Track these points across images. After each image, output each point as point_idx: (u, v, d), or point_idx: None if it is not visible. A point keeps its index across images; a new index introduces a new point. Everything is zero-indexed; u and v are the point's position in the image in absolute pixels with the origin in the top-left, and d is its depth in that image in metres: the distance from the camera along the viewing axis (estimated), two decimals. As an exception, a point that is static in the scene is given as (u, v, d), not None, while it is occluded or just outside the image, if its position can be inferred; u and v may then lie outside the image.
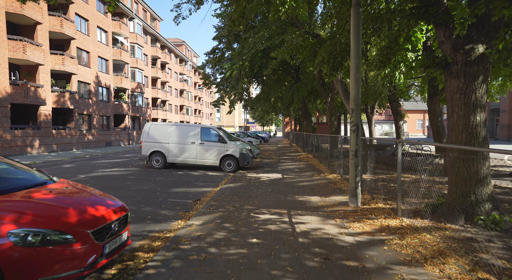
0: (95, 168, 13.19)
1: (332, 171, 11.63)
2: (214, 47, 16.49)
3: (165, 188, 8.91)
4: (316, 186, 8.85)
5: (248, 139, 27.28)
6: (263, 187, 8.70)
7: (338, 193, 7.77)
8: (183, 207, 6.86)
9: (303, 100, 20.12)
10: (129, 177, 10.72)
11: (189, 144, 12.63)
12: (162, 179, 10.44)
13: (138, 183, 9.47)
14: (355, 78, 6.04)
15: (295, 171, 12.11)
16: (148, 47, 39.06)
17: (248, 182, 9.57)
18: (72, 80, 23.56)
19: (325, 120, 55.72)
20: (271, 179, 10.13)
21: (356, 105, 6.13)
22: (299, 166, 13.77)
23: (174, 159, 12.73)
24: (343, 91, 11.20)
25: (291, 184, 9.26)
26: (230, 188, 8.61)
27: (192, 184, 9.71)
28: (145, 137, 12.91)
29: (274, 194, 7.72)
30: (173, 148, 12.69)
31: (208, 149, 12.54)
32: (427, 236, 4.16)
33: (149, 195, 7.91)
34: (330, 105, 16.58)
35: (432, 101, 15.74)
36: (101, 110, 28.01)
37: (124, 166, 13.87)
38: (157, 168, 12.80)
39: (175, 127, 12.89)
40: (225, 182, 9.96)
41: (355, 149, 6.11)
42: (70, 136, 23.40)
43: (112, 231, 3.48)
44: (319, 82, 16.58)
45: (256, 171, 12.17)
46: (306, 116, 22.76)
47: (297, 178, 10.33)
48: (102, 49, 27.96)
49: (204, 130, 12.76)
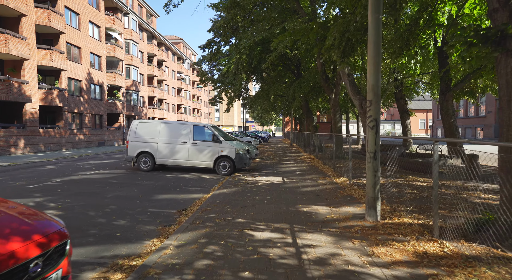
0: (77, 170, 12.02)
1: (338, 174, 10.46)
2: (209, 39, 15.32)
3: (149, 194, 7.73)
4: (322, 192, 7.69)
5: (246, 139, 26.13)
6: (261, 193, 7.53)
7: (350, 201, 6.60)
8: (164, 219, 5.69)
9: (304, 97, 18.96)
10: (110, 180, 9.54)
11: (180, 143, 11.46)
12: (148, 183, 9.27)
13: (118, 188, 8.29)
14: (374, 61, 4.88)
15: (297, 174, 10.94)
16: (144, 44, 37.88)
17: (244, 187, 8.40)
18: (62, 77, 22.38)
19: (326, 120, 54.62)
20: (271, 183, 8.97)
21: (376, 96, 4.96)
22: (301, 168, 12.61)
23: (163, 160, 11.56)
24: (351, 86, 10.05)
25: (293, 189, 8.09)
26: (223, 195, 7.45)
27: (181, 189, 8.53)
28: (132, 137, 11.74)
29: (274, 203, 6.55)
30: (162, 148, 11.53)
31: (201, 149, 11.38)
32: (487, 273, 2.99)
33: (127, 203, 6.74)
34: (335, 102, 15.42)
35: (444, 97, 14.57)
36: (94, 108, 26.83)
37: (110, 167, 12.69)
38: (145, 170, 11.63)
39: (164, 125, 11.72)
40: (218, 186, 8.80)
41: (374, 150, 4.94)
42: (59, 136, 22.22)
43: (29, 275, 2.30)
44: (322, 77, 15.42)
45: (254, 174, 11.01)
46: (307, 115, 21.60)
47: (300, 182, 9.16)
48: (95, 45, 26.78)
49: (196, 129, 11.60)
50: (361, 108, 9.66)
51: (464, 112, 39.08)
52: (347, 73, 10.12)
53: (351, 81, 10.09)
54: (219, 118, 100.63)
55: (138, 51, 35.25)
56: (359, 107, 9.72)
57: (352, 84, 10.05)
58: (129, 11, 32.24)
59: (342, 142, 15.72)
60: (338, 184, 8.67)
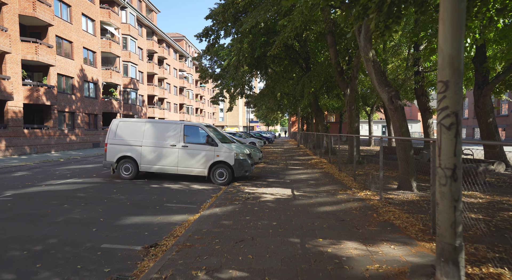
0: (48, 177, 10.19)
1: (361, 185, 8.45)
2: (206, 27, 13.43)
3: (116, 216, 5.83)
4: (348, 214, 5.70)
5: (250, 140, 24.19)
6: (265, 216, 5.58)
7: (392, 233, 4.61)
8: (119, 265, 3.78)
9: (314, 94, 16.93)
10: (77, 194, 7.65)
11: (169, 147, 9.56)
12: (123, 197, 7.36)
13: (78, 207, 6.40)
14: (453, 17, 2.89)
15: (310, 184, 8.96)
16: (143, 40, 36.17)
17: (243, 205, 6.46)
18: (50, 73, 20.66)
19: (333, 120, 52.45)
20: (277, 199, 7.01)
21: (456, 74, 2.95)
22: (313, 175, 10.62)
23: (148, 167, 9.67)
24: (377, 75, 8.04)
25: (307, 208, 6.12)
26: (215, 217, 5.52)
27: (161, 206, 6.62)
28: (111, 139, 9.86)
29: (283, 234, 4.60)
30: (147, 152, 9.63)
31: (193, 153, 9.46)
32: None
33: (76, 234, 4.83)
34: (350, 98, 13.40)
35: (481, 92, 12.44)
36: (87, 107, 25.12)
37: (89, 174, 10.82)
38: (127, 178, 9.74)
39: (150, 125, 9.83)
40: (210, 202, 6.87)
41: (452, 165, 2.94)
42: (47, 137, 20.51)
43: None
44: (336, 69, 13.41)
45: (257, 184, 9.06)
46: (317, 114, 19.59)
47: (314, 197, 7.19)
48: (88, 40, 25.06)
49: (188, 129, 9.69)
50: (391, 103, 7.66)
51: (483, 111, 36.59)
52: (371, 59, 8.11)
53: (377, 69, 8.09)
54: (223, 118, 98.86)
55: (136, 47, 33.52)
56: (388, 102, 7.71)
57: (379, 73, 8.05)
58: (127, 4, 30.52)
59: (359, 144, 13.72)
60: (364, 201, 6.67)
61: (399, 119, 7.66)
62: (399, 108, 7.66)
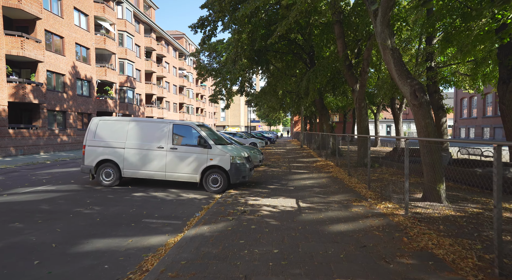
0: (18, 184, 9.02)
1: (378, 195, 7.21)
2: (202, 17, 12.20)
3: (75, 237, 4.64)
4: (369, 236, 4.48)
5: (251, 140, 22.99)
6: (264, 240, 4.37)
7: (437, 271, 3.37)
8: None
9: (319, 91, 15.71)
10: (40, 206, 6.46)
11: (155, 149, 8.36)
12: (95, 211, 6.17)
13: (33, 225, 5.20)
14: None
15: (317, 192, 7.74)
16: (141, 37, 35.03)
17: (238, 221, 5.26)
18: (39, 69, 19.53)
19: (337, 119, 51.15)
20: (279, 213, 5.80)
21: None
22: (320, 181, 9.40)
23: (133, 172, 8.47)
24: (397, 65, 6.81)
25: (316, 227, 4.91)
26: (200, 240, 4.33)
27: (138, 223, 5.42)
28: (91, 140, 8.67)
29: (286, 273, 3.38)
30: (131, 155, 8.44)
31: (183, 156, 8.26)
32: None
33: (6, 270, 3.63)
34: (360, 95, 12.17)
35: (506, 88, 11.14)
36: (80, 106, 23.99)
37: (65, 181, 9.62)
38: (107, 185, 8.55)
39: (135, 124, 8.64)
40: (199, 217, 5.68)
41: None
42: (35, 137, 19.38)
43: None
44: (345, 63, 12.18)
45: (256, 191, 7.85)
46: (322, 113, 18.36)
47: (324, 210, 5.97)
48: (81, 35, 23.92)
49: (177, 128, 8.49)
50: (415, 98, 6.43)
51: (493, 110, 35.32)
52: (390, 46, 6.88)
53: (396, 58, 6.86)
54: (225, 118, 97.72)
55: (133, 44, 32.37)
56: (411, 97, 6.49)
57: (399, 63, 6.82)
58: (123, -1, 29.40)
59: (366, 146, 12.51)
60: (387, 217, 5.45)
61: (424, 117, 6.43)
62: (424, 104, 6.43)
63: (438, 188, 6.18)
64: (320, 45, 15.57)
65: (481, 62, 13.73)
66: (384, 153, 18.21)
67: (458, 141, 4.59)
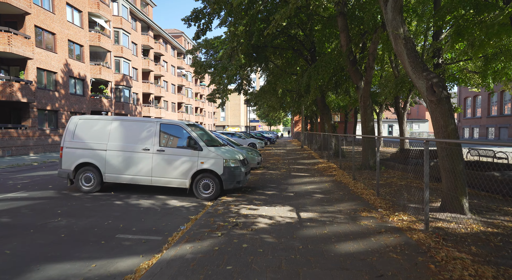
0: (-6, 189, 8.21)
1: (389, 203, 6.37)
2: (196, 9, 11.37)
3: (25, 262, 3.81)
4: (386, 260, 3.65)
5: (250, 140, 22.16)
6: (257, 265, 3.55)
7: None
8: None
9: (321, 89, 14.86)
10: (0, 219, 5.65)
11: (141, 151, 7.54)
12: (62, 223, 5.35)
13: (-13, 242, 4.39)
14: None
15: (320, 199, 6.92)
16: (138, 35, 34.21)
17: (228, 238, 4.44)
18: (28, 67, 18.73)
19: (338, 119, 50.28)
20: (276, 226, 4.97)
21: None
22: (322, 186, 8.58)
23: (115, 177, 7.65)
24: (411, 57, 5.98)
25: (320, 247, 4.08)
26: (179, 266, 3.51)
27: (110, 240, 4.60)
28: (69, 141, 7.85)
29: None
30: (114, 158, 7.62)
31: (171, 159, 7.44)
32: None
33: None
34: (365, 93, 11.34)
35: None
36: (73, 105, 23.19)
37: (43, 186, 8.77)
38: (87, 191, 7.73)
39: (118, 124, 7.82)
40: (183, 231, 4.86)
41: None
42: (24, 138, 18.58)
43: None
44: (348, 58, 11.35)
45: (251, 198, 7.03)
46: (323, 112, 17.53)
47: (328, 223, 5.14)
48: (74, 32, 23.12)
49: (165, 129, 7.67)
50: (433, 93, 5.60)
51: (498, 109, 34.45)
52: (403, 35, 6.06)
53: (409, 48, 6.03)
54: (225, 118, 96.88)
55: (130, 42, 31.56)
56: (428, 92, 5.66)
57: (413, 54, 5.99)
58: (118, -4, 28.59)
59: (374, 148, 11.69)
60: (403, 233, 4.61)
61: (443, 115, 5.60)
62: (443, 100, 5.60)
63: (460, 197, 5.35)
64: (322, 40, 14.74)
65: (492, 58, 12.90)
66: (389, 153, 17.37)
67: (483, 142, 3.79)
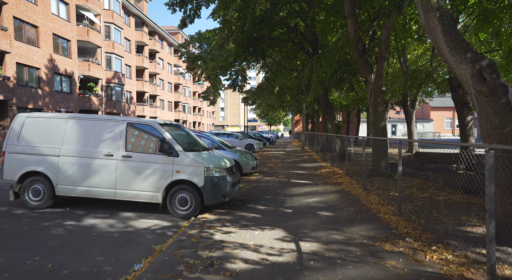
0: None
1: (416, 227, 4.85)
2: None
3: None
4: None
5: (248, 141, 20.65)
6: None
7: None
8: None
9: (323, 84, 13.33)
10: None
11: (102, 157, 6.04)
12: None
13: None
14: None
15: (325, 221, 5.41)
16: (131, 31, 32.75)
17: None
18: (6, 62, 17.28)
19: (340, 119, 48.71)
20: (267, 269, 3.47)
21: None
22: (327, 198, 7.07)
23: (71, 189, 6.14)
24: (448, 35, 4.47)
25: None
26: None
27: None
28: (12, 144, 6.35)
29: None
30: (68, 166, 6.12)
31: (140, 167, 5.94)
32: None
33: None
34: (376, 88, 9.83)
35: None
36: (59, 104, 21.73)
37: (-7, 196, 7.32)
38: (35, 206, 6.23)
39: (75, 123, 6.32)
40: (133, 276, 3.35)
41: None
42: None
43: None
44: (356, 47, 9.82)
45: (239, 217, 5.53)
46: (326, 110, 16.03)
47: (340, 263, 3.63)
48: (60, 25, 21.66)
49: (133, 129, 6.17)
50: (482, 81, 4.11)
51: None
52: (436, 6, 4.57)
53: (445, 24, 4.55)
54: (224, 117, 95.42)
55: (122, 38, 30.09)
56: (475, 79, 4.17)
57: (451, 32, 4.50)
58: (109, -12, 27.14)
59: (401, 152, 10.21)
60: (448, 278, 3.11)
61: (498, 111, 4.09)
62: (499, 91, 4.08)
63: None
64: (325, 30, 13.23)
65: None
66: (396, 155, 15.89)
67: None
